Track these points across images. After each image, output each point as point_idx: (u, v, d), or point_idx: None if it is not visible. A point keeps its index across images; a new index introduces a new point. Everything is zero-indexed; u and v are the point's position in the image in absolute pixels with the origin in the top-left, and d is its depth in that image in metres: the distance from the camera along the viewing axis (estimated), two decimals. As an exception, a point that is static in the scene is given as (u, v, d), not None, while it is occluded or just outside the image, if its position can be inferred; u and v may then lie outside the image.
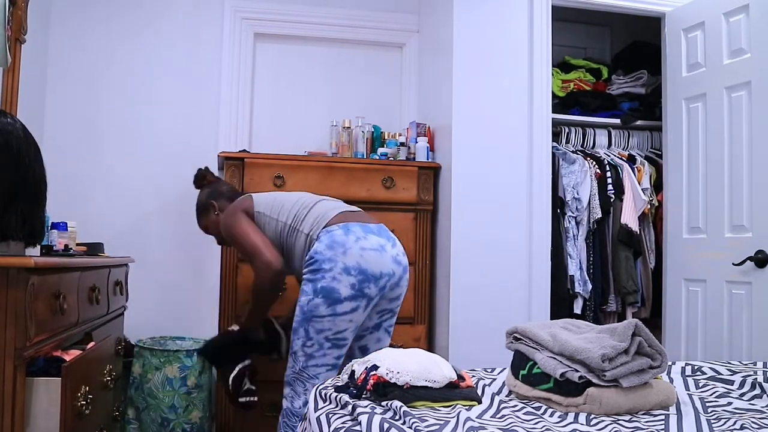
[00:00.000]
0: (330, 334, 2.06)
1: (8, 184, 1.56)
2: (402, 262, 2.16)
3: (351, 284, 2.03)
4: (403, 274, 2.17)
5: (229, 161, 2.82)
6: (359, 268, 2.04)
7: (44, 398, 1.56)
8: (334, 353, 2.09)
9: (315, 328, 2.05)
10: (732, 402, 1.54)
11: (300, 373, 2.09)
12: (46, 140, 2.99)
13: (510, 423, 1.32)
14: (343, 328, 2.06)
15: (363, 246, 2.07)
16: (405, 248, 2.85)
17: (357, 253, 2.05)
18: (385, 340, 2.26)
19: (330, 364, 2.09)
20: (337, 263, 2.03)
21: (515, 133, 2.89)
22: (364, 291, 2.05)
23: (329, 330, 2.05)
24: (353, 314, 2.06)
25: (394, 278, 2.12)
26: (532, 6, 2.92)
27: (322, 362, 2.08)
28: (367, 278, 2.04)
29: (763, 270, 2.43)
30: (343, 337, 2.08)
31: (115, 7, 3.21)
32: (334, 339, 2.07)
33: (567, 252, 3.03)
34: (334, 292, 2.02)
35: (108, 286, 2.26)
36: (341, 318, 2.04)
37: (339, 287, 2.03)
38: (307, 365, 2.08)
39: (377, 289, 2.08)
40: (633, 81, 3.38)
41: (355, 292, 2.03)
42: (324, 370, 2.08)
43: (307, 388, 2.07)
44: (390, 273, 2.10)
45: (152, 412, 2.70)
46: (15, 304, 1.44)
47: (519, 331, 1.62)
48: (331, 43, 3.44)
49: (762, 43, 2.49)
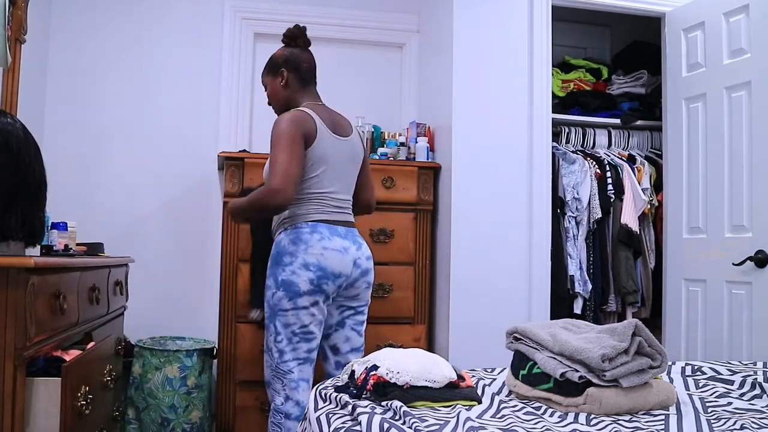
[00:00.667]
0: (296, 328, 2.09)
1: (8, 184, 1.56)
2: (362, 265, 2.19)
3: (309, 279, 2.07)
4: (360, 276, 2.19)
5: (229, 161, 2.82)
6: (318, 264, 2.08)
7: (44, 398, 1.56)
8: (303, 347, 2.11)
9: (281, 322, 2.09)
10: (732, 402, 1.54)
11: (276, 369, 2.12)
12: (46, 140, 3.00)
13: (510, 423, 1.32)
14: (307, 321, 2.10)
15: (325, 246, 2.10)
16: (405, 248, 2.89)
17: (318, 252, 2.09)
18: (355, 340, 2.27)
19: (301, 358, 2.11)
20: (298, 258, 2.07)
21: (515, 133, 2.89)
22: (322, 287, 2.09)
23: (295, 324, 2.09)
24: (313, 308, 2.10)
25: (350, 278, 2.17)
26: (532, 6, 2.92)
27: (293, 356, 2.10)
28: (325, 275, 2.09)
29: (763, 270, 2.43)
30: (309, 330, 2.11)
31: (115, 7, 3.21)
32: (301, 333, 2.10)
33: (567, 252, 3.03)
34: (293, 285, 2.06)
35: (108, 286, 2.26)
36: (302, 312, 2.08)
37: (298, 281, 2.06)
38: (280, 361, 2.10)
39: (335, 287, 2.13)
40: (633, 81, 3.38)
41: (313, 287, 2.07)
42: (296, 364, 2.10)
43: (285, 384, 2.09)
44: (348, 273, 2.15)
45: (152, 412, 2.70)
46: (15, 304, 1.44)
47: (519, 331, 1.62)
48: (331, 43, 3.44)
49: (762, 43, 2.49)
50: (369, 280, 2.25)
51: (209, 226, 3.18)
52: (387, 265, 2.86)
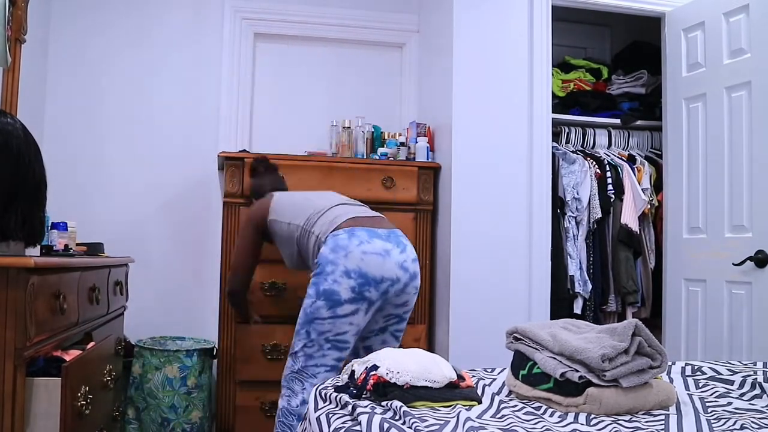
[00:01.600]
0: (330, 336, 2.07)
1: (8, 184, 1.56)
2: (409, 269, 2.15)
3: (351, 287, 2.04)
4: (409, 281, 2.16)
5: (229, 161, 2.82)
6: (359, 271, 2.05)
7: (44, 398, 1.56)
8: (333, 354, 2.10)
9: (316, 330, 2.07)
10: (732, 402, 1.54)
11: (299, 372, 2.10)
12: (46, 140, 3.00)
13: (510, 423, 1.32)
14: (343, 330, 2.08)
15: (365, 250, 2.08)
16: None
17: (358, 257, 2.06)
18: (391, 343, 2.27)
19: (329, 365, 2.10)
20: (338, 266, 2.05)
21: (515, 133, 2.89)
22: (364, 294, 2.06)
23: (329, 332, 2.07)
24: (353, 317, 2.07)
25: (398, 284, 2.12)
26: (532, 6, 2.92)
27: (322, 362, 2.09)
28: (367, 281, 2.05)
29: (763, 270, 2.43)
30: (343, 339, 2.09)
31: (115, 7, 3.21)
32: (334, 340, 2.08)
33: (567, 252, 3.03)
34: (334, 294, 2.04)
35: (108, 286, 2.26)
36: (341, 320, 2.06)
37: (339, 290, 2.04)
38: (306, 365, 2.09)
39: (378, 293, 2.08)
40: (633, 81, 3.38)
41: (355, 295, 2.05)
42: (323, 370, 2.09)
43: (305, 387, 2.08)
44: (393, 278, 2.10)
45: (152, 412, 2.70)
46: (15, 304, 1.44)
47: (519, 331, 1.62)
48: (331, 43, 3.44)
49: (762, 43, 2.49)
50: (417, 284, 2.21)
51: (209, 226, 3.18)
52: (387, 265, 2.86)
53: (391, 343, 2.27)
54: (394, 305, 2.19)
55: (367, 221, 2.20)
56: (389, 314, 2.22)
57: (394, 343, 2.27)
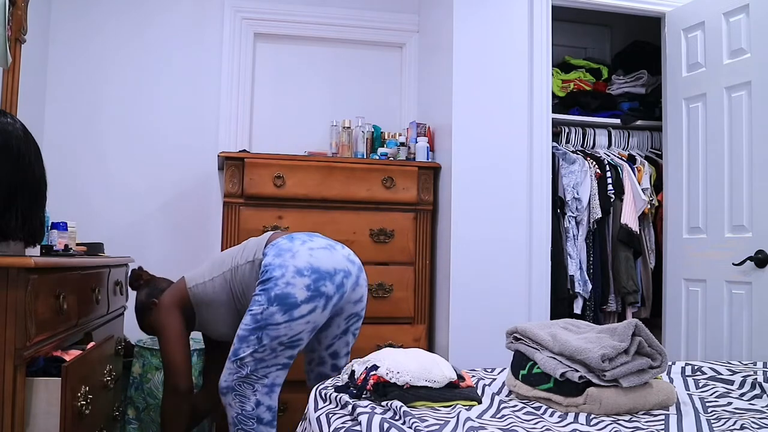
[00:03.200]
0: (285, 339, 1.99)
1: (8, 184, 1.56)
2: (356, 261, 2.14)
3: (306, 285, 1.97)
4: (359, 273, 2.14)
5: (229, 161, 2.82)
6: (311, 267, 1.99)
7: (44, 398, 1.56)
8: (286, 353, 2.03)
9: (269, 335, 1.97)
10: (732, 402, 1.54)
11: (248, 377, 2.01)
12: (46, 140, 3.00)
13: (510, 423, 1.32)
14: (299, 330, 2.00)
15: (311, 247, 2.05)
16: (405, 248, 2.89)
17: (306, 254, 2.02)
18: (352, 342, 2.26)
19: (281, 364, 2.03)
20: (288, 268, 1.98)
21: (515, 133, 2.89)
22: (321, 290, 1.99)
23: (284, 335, 1.98)
24: (311, 315, 1.99)
25: (351, 276, 2.08)
26: (532, 6, 2.92)
27: (273, 362, 2.02)
28: (321, 276, 1.99)
29: (763, 270, 2.43)
30: (298, 338, 2.02)
31: (115, 7, 3.21)
32: (288, 342, 2.01)
33: (567, 252, 3.03)
34: (289, 297, 1.96)
35: (108, 286, 2.26)
36: (298, 322, 1.98)
37: (294, 291, 1.96)
38: (257, 368, 2.01)
39: (334, 287, 2.02)
40: (633, 81, 3.38)
41: (311, 292, 1.97)
42: (274, 369, 2.02)
43: (256, 389, 2.01)
44: (345, 270, 2.06)
45: (152, 412, 2.70)
46: (15, 304, 1.44)
47: (519, 331, 1.62)
48: (331, 43, 3.44)
49: (762, 43, 2.49)
50: (365, 277, 2.19)
51: (209, 226, 3.18)
52: (387, 265, 2.86)
53: (351, 342, 2.24)
54: (352, 303, 2.15)
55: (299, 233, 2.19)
56: (350, 314, 2.17)
57: (352, 342, 2.25)
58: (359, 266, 2.15)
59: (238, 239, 2.77)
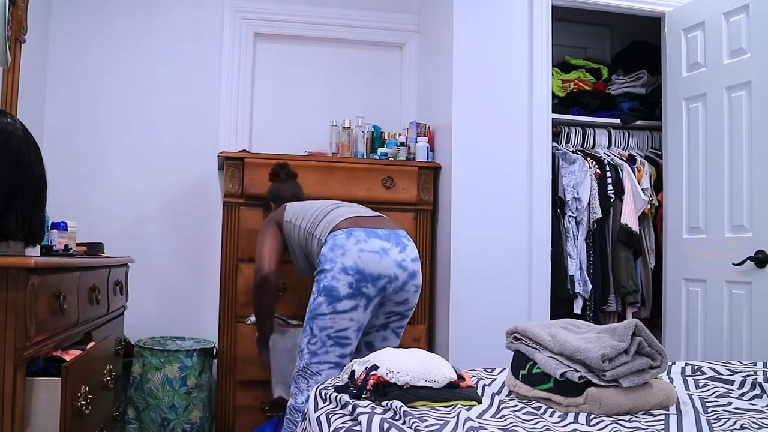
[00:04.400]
0: (332, 332, 2.13)
1: (8, 184, 1.56)
2: (408, 268, 2.21)
3: (349, 283, 2.11)
4: (408, 279, 2.21)
5: (229, 161, 2.82)
6: (356, 268, 2.12)
7: (44, 398, 1.56)
8: (336, 351, 2.15)
9: (318, 325, 2.14)
10: (732, 402, 1.54)
11: (304, 370, 2.16)
12: (46, 140, 3.00)
13: (510, 423, 1.32)
14: (344, 326, 2.13)
15: (362, 248, 2.15)
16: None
17: (355, 255, 2.13)
18: (392, 340, 2.33)
19: (333, 362, 2.15)
20: (336, 263, 2.13)
21: (515, 133, 2.89)
22: (362, 290, 2.12)
23: (331, 328, 2.13)
24: (353, 313, 2.13)
25: (397, 281, 2.18)
26: (532, 6, 2.92)
27: (325, 359, 2.14)
28: (364, 278, 2.12)
29: (763, 270, 2.43)
30: (345, 335, 2.14)
31: (115, 7, 3.21)
32: (336, 337, 2.14)
33: (567, 252, 3.03)
34: (333, 291, 2.12)
35: (108, 286, 2.26)
36: (341, 316, 2.12)
37: (338, 285, 2.12)
38: (310, 362, 2.15)
39: (375, 290, 2.15)
40: (633, 81, 3.38)
41: (353, 290, 2.12)
42: (327, 367, 2.14)
43: (310, 385, 2.13)
44: (391, 275, 2.16)
45: (152, 412, 2.70)
46: (15, 304, 1.44)
47: (519, 331, 1.62)
48: (331, 43, 3.44)
49: (762, 43, 2.49)
50: (417, 283, 2.26)
51: (209, 226, 3.18)
52: (387, 265, 2.86)
53: (392, 339, 2.33)
54: (394, 302, 2.25)
55: (366, 221, 2.26)
56: (390, 311, 2.28)
57: (394, 340, 2.33)
58: (411, 272, 2.22)
59: (238, 239, 2.77)
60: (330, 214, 2.29)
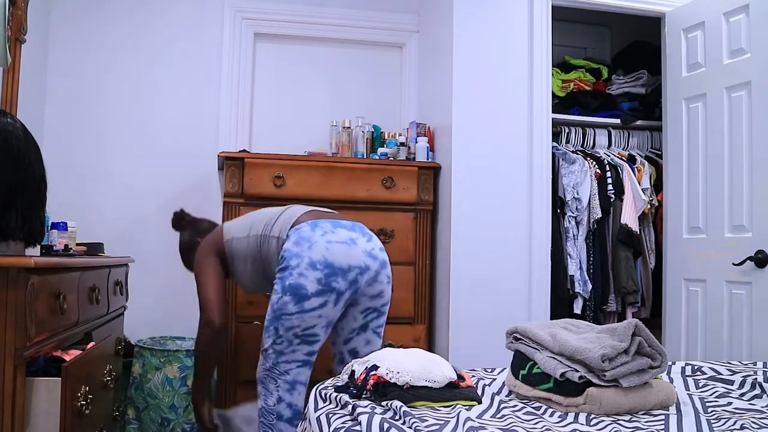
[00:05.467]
0: (299, 331, 2.02)
1: (8, 184, 1.56)
2: (378, 257, 2.12)
3: (317, 279, 1.99)
4: (380, 269, 2.12)
5: (229, 161, 2.82)
6: (325, 261, 2.00)
7: (44, 398, 1.56)
8: (304, 349, 2.05)
9: (284, 325, 2.01)
10: (732, 402, 1.54)
11: (271, 370, 2.06)
12: (46, 140, 3.00)
13: (510, 423, 1.32)
14: (311, 324, 2.02)
15: (329, 239, 2.04)
16: (405, 248, 2.88)
17: (323, 247, 2.02)
18: (375, 342, 2.21)
19: (300, 360, 2.05)
20: (303, 258, 2.00)
21: (515, 133, 2.89)
22: (332, 285, 2.00)
23: (298, 327, 2.01)
24: (322, 309, 2.01)
25: (369, 272, 2.08)
26: (532, 6, 2.92)
27: (292, 358, 2.04)
28: (333, 272, 2.01)
29: (763, 270, 2.43)
30: (312, 333, 2.04)
31: (115, 7, 3.21)
32: (303, 335, 2.03)
33: (567, 252, 3.03)
34: (300, 289, 1.99)
35: (108, 286, 2.26)
36: (309, 314, 2.00)
37: (305, 283, 1.99)
38: (277, 362, 2.04)
39: (346, 283, 2.03)
40: (633, 81, 3.38)
41: (322, 286, 1.99)
42: (294, 366, 2.05)
43: (279, 385, 2.04)
44: (361, 266, 2.06)
45: (152, 412, 2.70)
46: (15, 304, 1.44)
47: (519, 331, 1.62)
48: (331, 43, 3.44)
49: (762, 43, 2.49)
50: (389, 273, 2.16)
51: (209, 226, 3.17)
52: (387, 265, 2.86)
53: (375, 341, 2.21)
54: (369, 297, 2.14)
55: (327, 214, 2.19)
56: (366, 308, 2.16)
57: (377, 342, 2.21)
58: (382, 262, 2.13)
59: (238, 239, 2.76)
60: (285, 213, 2.19)
